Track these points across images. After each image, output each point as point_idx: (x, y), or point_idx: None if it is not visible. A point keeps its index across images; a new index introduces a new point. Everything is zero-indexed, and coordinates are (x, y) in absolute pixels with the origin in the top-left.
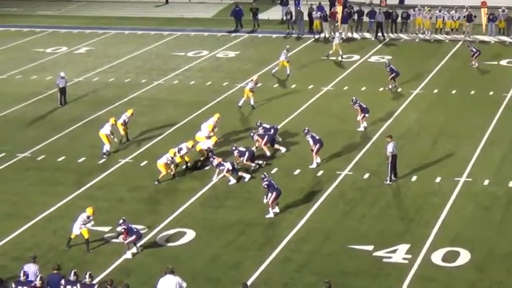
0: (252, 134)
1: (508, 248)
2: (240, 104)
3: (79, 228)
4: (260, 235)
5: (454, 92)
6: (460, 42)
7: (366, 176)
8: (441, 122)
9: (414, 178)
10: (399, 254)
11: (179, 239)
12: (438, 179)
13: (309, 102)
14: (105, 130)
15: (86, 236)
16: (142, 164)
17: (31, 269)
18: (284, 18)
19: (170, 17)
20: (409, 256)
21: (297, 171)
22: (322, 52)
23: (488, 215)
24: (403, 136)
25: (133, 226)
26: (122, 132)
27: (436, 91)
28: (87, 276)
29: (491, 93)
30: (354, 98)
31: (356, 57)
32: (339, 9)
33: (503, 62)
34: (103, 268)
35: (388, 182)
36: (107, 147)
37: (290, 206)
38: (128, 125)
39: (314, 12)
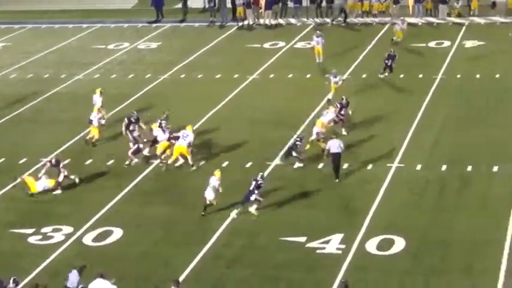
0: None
1: (442, 234)
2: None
3: None
4: (190, 231)
5: (382, 76)
6: (388, 25)
7: (296, 166)
8: (371, 107)
9: (346, 165)
10: (333, 244)
11: (106, 238)
12: (370, 166)
13: (235, 91)
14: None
15: None
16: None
17: None
18: (207, 6)
19: (88, 9)
20: (343, 246)
21: (225, 164)
22: (246, 40)
23: (421, 201)
24: None
25: None
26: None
27: (364, 76)
28: (11, 281)
29: (420, 76)
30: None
31: (281, 43)
32: None
33: (432, 44)
34: (28, 272)
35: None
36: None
37: (223, 199)
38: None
39: None
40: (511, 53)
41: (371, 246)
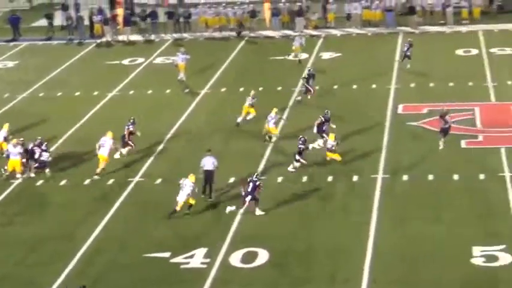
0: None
1: (305, 243)
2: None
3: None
4: (53, 249)
5: (242, 89)
6: (246, 38)
7: (158, 181)
8: (231, 120)
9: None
10: (197, 258)
11: None
12: (232, 180)
13: (95, 109)
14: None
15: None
16: None
17: None
18: (65, 23)
19: None
20: (207, 260)
21: (86, 182)
22: (105, 57)
23: (284, 212)
24: (193, 138)
25: None
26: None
27: (224, 89)
28: None
29: (279, 88)
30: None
31: (140, 59)
32: (119, 11)
33: (290, 57)
34: None
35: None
36: None
37: (84, 217)
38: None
39: (95, 16)
40: (368, 64)
41: (235, 259)
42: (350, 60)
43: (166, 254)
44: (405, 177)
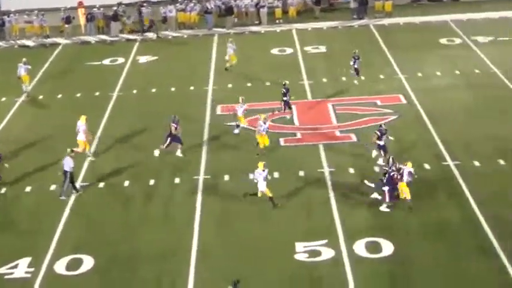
0: None
1: (130, 248)
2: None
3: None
4: None
5: (60, 96)
6: (62, 44)
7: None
8: (51, 127)
9: (28, 189)
10: (21, 268)
11: None
12: (53, 187)
13: None
14: None
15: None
16: None
17: None
18: None
19: None
20: (32, 269)
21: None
22: None
23: (107, 217)
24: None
25: None
26: None
27: (41, 97)
28: None
29: (97, 94)
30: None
31: None
32: None
33: (106, 62)
34: None
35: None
36: None
37: None
38: None
39: None
40: (185, 66)
41: (60, 267)
42: (167, 63)
43: None
44: (226, 177)
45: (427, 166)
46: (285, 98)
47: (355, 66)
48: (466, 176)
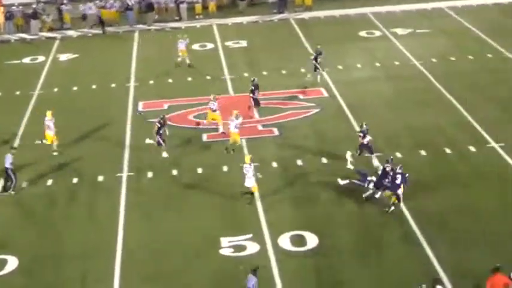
0: None
1: (54, 248)
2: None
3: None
4: None
5: None
6: None
7: None
8: None
9: None
10: None
11: None
12: None
13: None
14: None
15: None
16: None
17: None
18: None
19: None
20: None
21: None
22: None
23: (30, 217)
24: None
25: None
26: None
27: None
28: None
29: (17, 93)
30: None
31: None
32: None
33: (26, 60)
34: None
35: None
36: None
37: None
38: None
39: None
40: (106, 63)
41: None
42: (88, 61)
43: None
44: (150, 174)
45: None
46: (252, 95)
47: (317, 61)
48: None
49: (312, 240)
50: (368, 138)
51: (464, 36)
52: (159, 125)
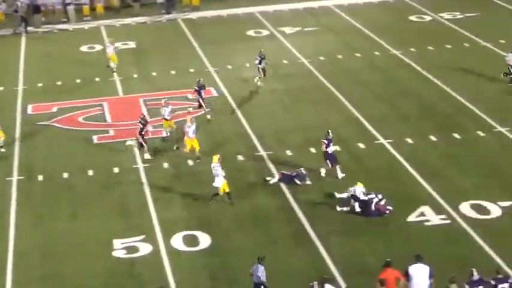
0: None
1: None
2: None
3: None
4: None
5: None
6: None
7: None
8: None
9: None
10: None
11: None
12: None
13: None
14: None
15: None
16: None
17: None
18: None
19: None
20: None
21: None
22: None
23: None
24: None
25: None
26: None
27: None
28: None
29: None
30: None
31: None
32: None
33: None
34: None
35: None
36: None
37: None
38: None
39: None
40: None
41: None
42: None
43: None
44: (40, 177)
45: (240, 157)
46: (199, 96)
47: (261, 66)
48: (278, 165)
49: (204, 240)
50: (332, 147)
51: (351, 34)
52: (141, 126)
